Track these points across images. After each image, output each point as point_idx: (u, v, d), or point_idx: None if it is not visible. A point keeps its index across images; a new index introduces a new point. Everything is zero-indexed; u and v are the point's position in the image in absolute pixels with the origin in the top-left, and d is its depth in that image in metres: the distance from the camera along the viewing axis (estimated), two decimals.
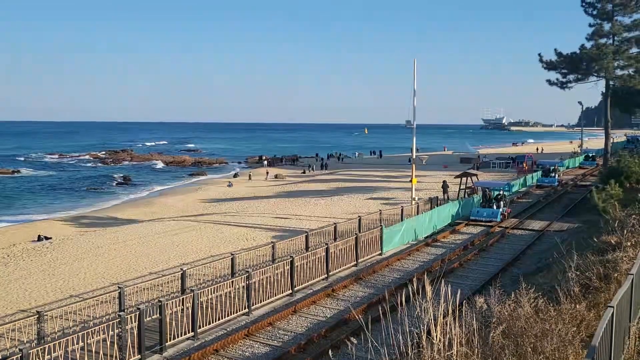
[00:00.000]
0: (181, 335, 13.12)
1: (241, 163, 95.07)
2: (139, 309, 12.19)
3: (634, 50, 40.00)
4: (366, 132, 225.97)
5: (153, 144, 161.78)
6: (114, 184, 66.01)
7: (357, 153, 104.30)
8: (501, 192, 30.00)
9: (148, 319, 12.41)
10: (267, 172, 66.91)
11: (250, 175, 65.42)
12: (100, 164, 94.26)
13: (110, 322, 11.64)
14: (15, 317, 15.24)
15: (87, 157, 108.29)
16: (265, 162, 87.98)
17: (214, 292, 14.28)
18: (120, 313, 12.32)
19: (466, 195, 34.90)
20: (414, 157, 32.01)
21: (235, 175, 68.27)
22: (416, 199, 32.03)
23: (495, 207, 28.81)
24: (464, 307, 8.04)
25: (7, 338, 12.40)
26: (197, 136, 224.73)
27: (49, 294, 19.31)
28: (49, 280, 21.06)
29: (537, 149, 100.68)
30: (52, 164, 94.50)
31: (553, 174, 43.05)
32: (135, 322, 12.03)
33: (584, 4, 40.40)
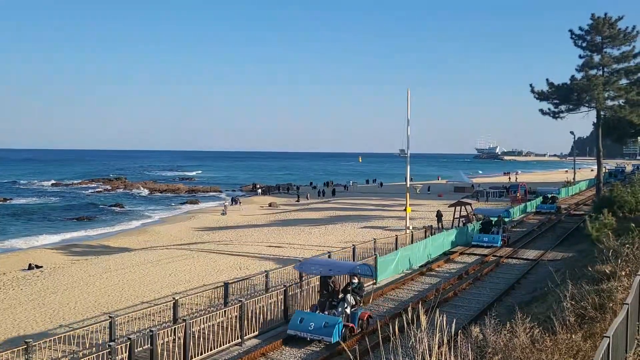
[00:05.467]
0: None
1: (235, 191, 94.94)
2: (129, 339, 12.01)
3: (624, 81, 40.78)
4: (360, 160, 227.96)
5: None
6: (107, 211, 65.69)
7: (351, 182, 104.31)
8: (356, 280, 15.83)
9: (139, 349, 12.22)
10: (240, 202, 66.87)
11: (226, 204, 64.89)
12: (93, 192, 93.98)
13: (100, 353, 11.44)
14: (2, 347, 14.94)
15: (81, 184, 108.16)
16: (259, 191, 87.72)
17: (206, 322, 14.11)
18: (111, 343, 12.12)
19: (461, 224, 35.01)
20: (408, 185, 32.22)
21: (233, 201, 68.38)
22: (410, 227, 32.11)
23: (335, 313, 15.09)
24: (459, 337, 7.96)
25: None
26: (192, 164, 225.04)
27: (38, 323, 19.00)
28: (38, 309, 20.74)
29: (509, 179, 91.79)
30: (46, 191, 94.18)
31: (496, 229, 30.26)
32: (125, 352, 11.83)
33: (573, 37, 41.22)
